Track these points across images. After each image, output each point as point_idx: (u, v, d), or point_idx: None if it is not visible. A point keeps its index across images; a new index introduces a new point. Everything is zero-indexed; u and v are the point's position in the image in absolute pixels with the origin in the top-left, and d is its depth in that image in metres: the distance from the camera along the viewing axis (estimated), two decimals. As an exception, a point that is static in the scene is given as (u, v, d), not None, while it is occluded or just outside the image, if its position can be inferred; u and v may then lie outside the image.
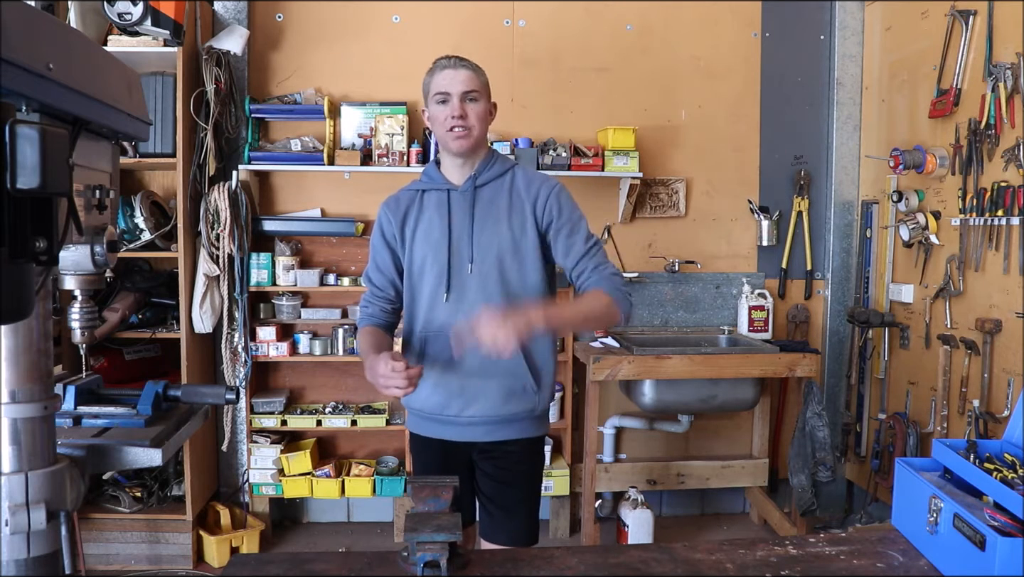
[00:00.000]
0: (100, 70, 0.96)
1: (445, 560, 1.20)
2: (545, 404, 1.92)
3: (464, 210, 1.85)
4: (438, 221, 1.85)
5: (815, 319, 3.75)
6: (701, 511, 3.84)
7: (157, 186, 3.38)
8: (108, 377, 2.93)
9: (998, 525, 1.16)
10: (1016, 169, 2.62)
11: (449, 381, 1.86)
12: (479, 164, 1.88)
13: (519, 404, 1.86)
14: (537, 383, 1.87)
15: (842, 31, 3.64)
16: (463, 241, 1.83)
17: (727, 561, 1.31)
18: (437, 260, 1.84)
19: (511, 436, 1.90)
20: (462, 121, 1.80)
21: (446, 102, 1.80)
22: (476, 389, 1.84)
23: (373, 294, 1.98)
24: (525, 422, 1.90)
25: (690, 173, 3.65)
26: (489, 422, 1.87)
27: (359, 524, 3.64)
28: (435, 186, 1.89)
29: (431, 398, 1.88)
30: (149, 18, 2.85)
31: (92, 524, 3.08)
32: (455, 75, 1.80)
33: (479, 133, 1.84)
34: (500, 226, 1.83)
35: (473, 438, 1.90)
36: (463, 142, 1.81)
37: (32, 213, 0.81)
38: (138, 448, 1.09)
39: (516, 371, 1.84)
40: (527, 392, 1.86)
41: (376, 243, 1.95)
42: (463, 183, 1.87)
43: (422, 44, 3.47)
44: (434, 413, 1.89)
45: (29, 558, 0.92)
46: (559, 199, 1.84)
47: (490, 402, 1.85)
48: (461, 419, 1.87)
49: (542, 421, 1.96)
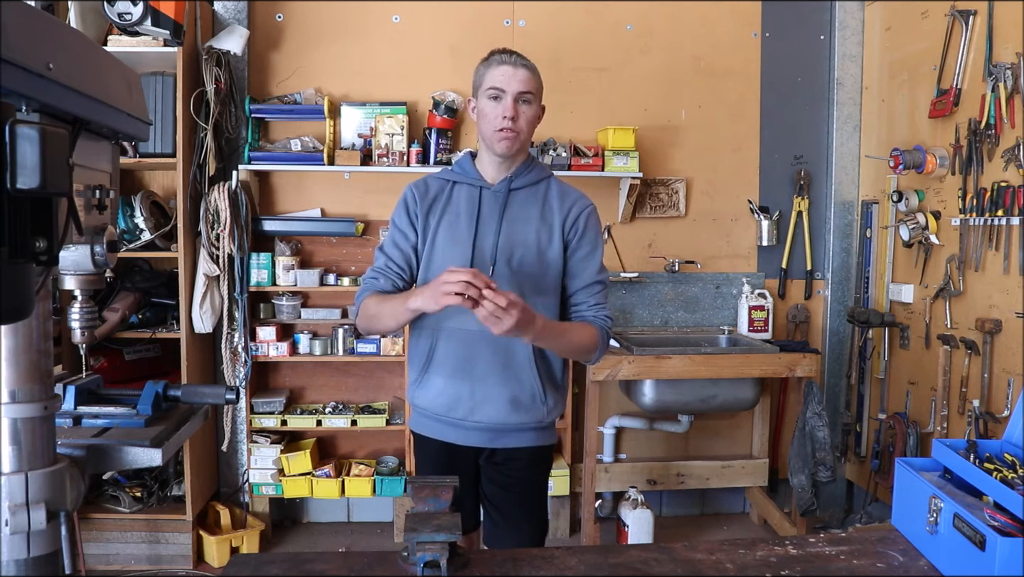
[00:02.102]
0: (100, 70, 0.96)
1: (445, 560, 1.20)
2: (553, 416, 1.89)
3: (494, 210, 1.80)
4: (465, 217, 1.81)
5: (815, 319, 3.75)
6: (701, 511, 3.84)
7: (157, 186, 3.38)
8: (108, 377, 2.94)
9: (998, 525, 1.16)
10: (1016, 169, 2.62)
11: (459, 383, 1.82)
12: (517, 167, 1.84)
13: (527, 414, 1.83)
14: (546, 394, 1.84)
15: (842, 31, 3.64)
16: (488, 241, 1.79)
17: (727, 561, 1.31)
18: (459, 256, 1.78)
19: (515, 444, 1.87)
20: (512, 123, 1.75)
21: (498, 99, 1.75)
22: (485, 394, 1.81)
23: (387, 267, 1.85)
24: (531, 432, 1.87)
25: (690, 173, 3.65)
26: (495, 429, 1.84)
27: (359, 524, 3.64)
28: (467, 180, 1.84)
29: (439, 398, 1.85)
30: (149, 18, 2.84)
31: (92, 524, 3.08)
32: (513, 73, 1.74)
33: (526, 137, 1.80)
34: (528, 232, 1.80)
35: (478, 443, 1.87)
36: (508, 144, 1.77)
37: (32, 213, 0.81)
38: (138, 448, 1.09)
39: (527, 381, 1.81)
40: (536, 403, 1.83)
41: (399, 220, 1.86)
42: (497, 183, 1.83)
43: (422, 44, 3.47)
44: (440, 414, 1.86)
45: (29, 558, 0.91)
46: (588, 221, 1.83)
47: (497, 409, 1.81)
48: (467, 423, 1.84)
49: (549, 432, 1.92)
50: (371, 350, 3.35)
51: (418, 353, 1.87)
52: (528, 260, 1.79)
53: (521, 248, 1.79)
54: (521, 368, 1.81)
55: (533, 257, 1.79)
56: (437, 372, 1.83)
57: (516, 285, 1.77)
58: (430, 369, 1.84)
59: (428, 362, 1.84)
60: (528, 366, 1.81)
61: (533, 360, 1.81)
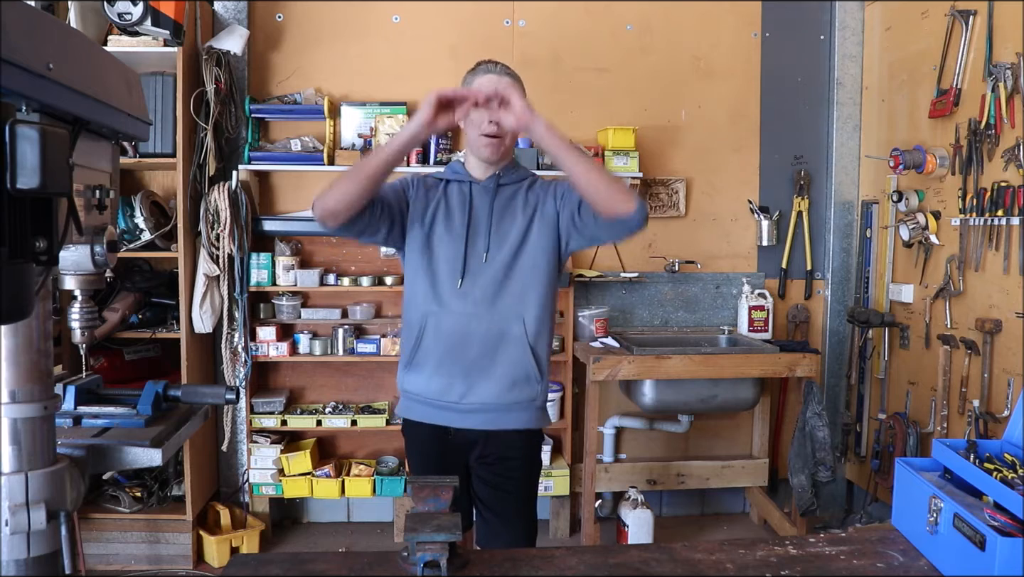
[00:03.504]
0: (100, 70, 0.96)
1: (445, 560, 1.20)
2: (545, 394, 1.94)
3: (484, 203, 1.89)
4: (459, 211, 1.89)
5: (815, 319, 3.75)
6: (701, 511, 3.84)
7: (157, 186, 3.38)
8: (108, 377, 2.93)
9: (998, 525, 1.16)
10: (1016, 169, 2.62)
11: (452, 366, 1.85)
12: (503, 168, 1.94)
13: (522, 392, 1.88)
14: (540, 372, 1.89)
15: (842, 31, 3.64)
16: (481, 231, 1.87)
17: (727, 561, 1.31)
18: (454, 247, 1.86)
19: (511, 425, 1.90)
20: (497, 128, 1.82)
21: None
22: (480, 375, 1.85)
23: None
24: (526, 412, 1.91)
25: (690, 173, 3.65)
26: (490, 409, 1.87)
27: (359, 524, 3.64)
28: (458, 178, 1.94)
29: (432, 382, 1.88)
30: (149, 18, 2.84)
31: (92, 524, 3.08)
32: (498, 80, 1.83)
33: (510, 143, 1.91)
34: (516, 221, 1.89)
35: (473, 425, 1.89)
36: (492, 149, 1.86)
37: (32, 213, 0.81)
38: (138, 448, 1.09)
39: (521, 359, 1.86)
40: (530, 381, 1.88)
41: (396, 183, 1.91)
42: (485, 179, 1.92)
43: (422, 44, 3.47)
44: (433, 398, 1.89)
45: (29, 558, 0.92)
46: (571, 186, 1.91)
47: (494, 388, 1.86)
48: (462, 405, 1.87)
49: (542, 413, 1.96)
50: (371, 350, 3.35)
51: (407, 338, 1.91)
52: (520, 247, 1.87)
53: (512, 237, 1.87)
54: (515, 346, 1.86)
55: (524, 247, 1.88)
56: (428, 356, 1.87)
57: (510, 271, 1.86)
58: (419, 353, 1.88)
59: (417, 346, 1.88)
60: (521, 344, 1.86)
61: (525, 338, 1.86)
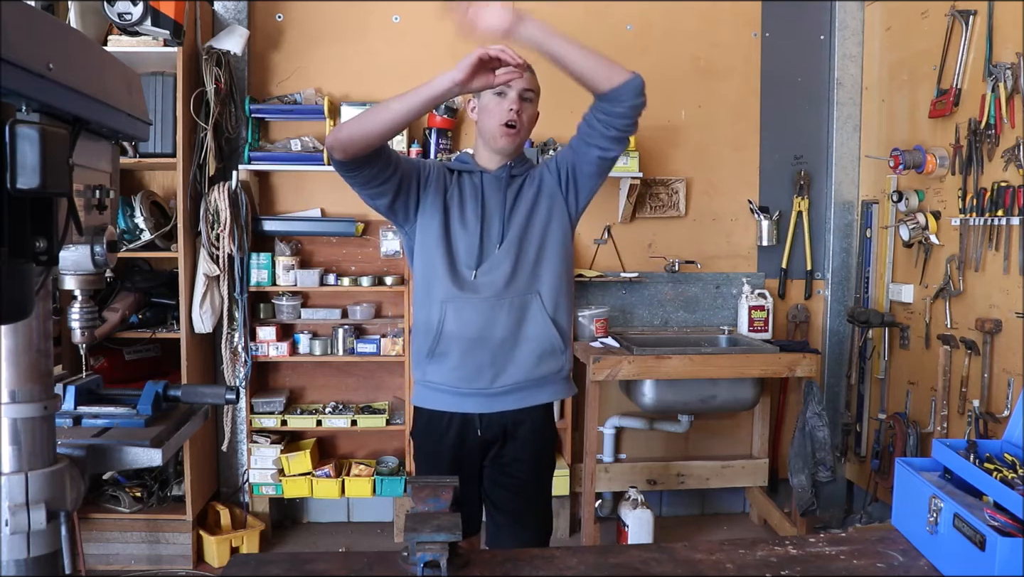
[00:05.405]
0: (100, 70, 0.96)
1: (445, 560, 1.20)
2: (570, 363, 1.98)
3: (497, 192, 1.92)
4: (472, 201, 1.91)
5: (815, 319, 3.75)
6: (701, 511, 3.84)
7: (157, 186, 3.38)
8: (108, 377, 2.93)
9: (998, 525, 1.16)
10: (1016, 169, 2.62)
11: (477, 353, 1.87)
12: (513, 160, 1.97)
13: (549, 365, 1.92)
14: (564, 342, 1.93)
15: (842, 31, 3.64)
16: (495, 219, 1.90)
17: (727, 561, 1.31)
18: (469, 237, 1.88)
19: (543, 400, 1.94)
20: (516, 117, 1.85)
21: (504, 95, 1.85)
22: (508, 356, 1.87)
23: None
24: (556, 385, 1.95)
25: (690, 173, 3.65)
26: (521, 388, 1.90)
27: (359, 524, 3.64)
28: (468, 168, 1.96)
29: (457, 371, 1.88)
30: (149, 18, 2.84)
31: (92, 524, 3.08)
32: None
33: (525, 135, 1.93)
34: (526, 203, 1.91)
35: (504, 408, 1.91)
36: (510, 139, 1.88)
37: (32, 213, 0.81)
38: (138, 448, 1.08)
39: (543, 333, 1.89)
40: (555, 352, 1.92)
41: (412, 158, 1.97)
42: (496, 169, 1.94)
43: (422, 44, 3.47)
44: (460, 386, 1.89)
45: (29, 558, 0.91)
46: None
47: (524, 366, 1.88)
48: (492, 389, 1.88)
49: (569, 383, 2.01)
50: (371, 350, 3.35)
51: (426, 329, 1.90)
52: (532, 233, 1.90)
53: (525, 223, 1.90)
54: (535, 321, 1.89)
55: (536, 230, 1.90)
56: (451, 345, 1.87)
57: (523, 258, 1.88)
58: (441, 343, 1.88)
59: (439, 336, 1.87)
60: (542, 317, 1.88)
61: (544, 311, 1.88)
